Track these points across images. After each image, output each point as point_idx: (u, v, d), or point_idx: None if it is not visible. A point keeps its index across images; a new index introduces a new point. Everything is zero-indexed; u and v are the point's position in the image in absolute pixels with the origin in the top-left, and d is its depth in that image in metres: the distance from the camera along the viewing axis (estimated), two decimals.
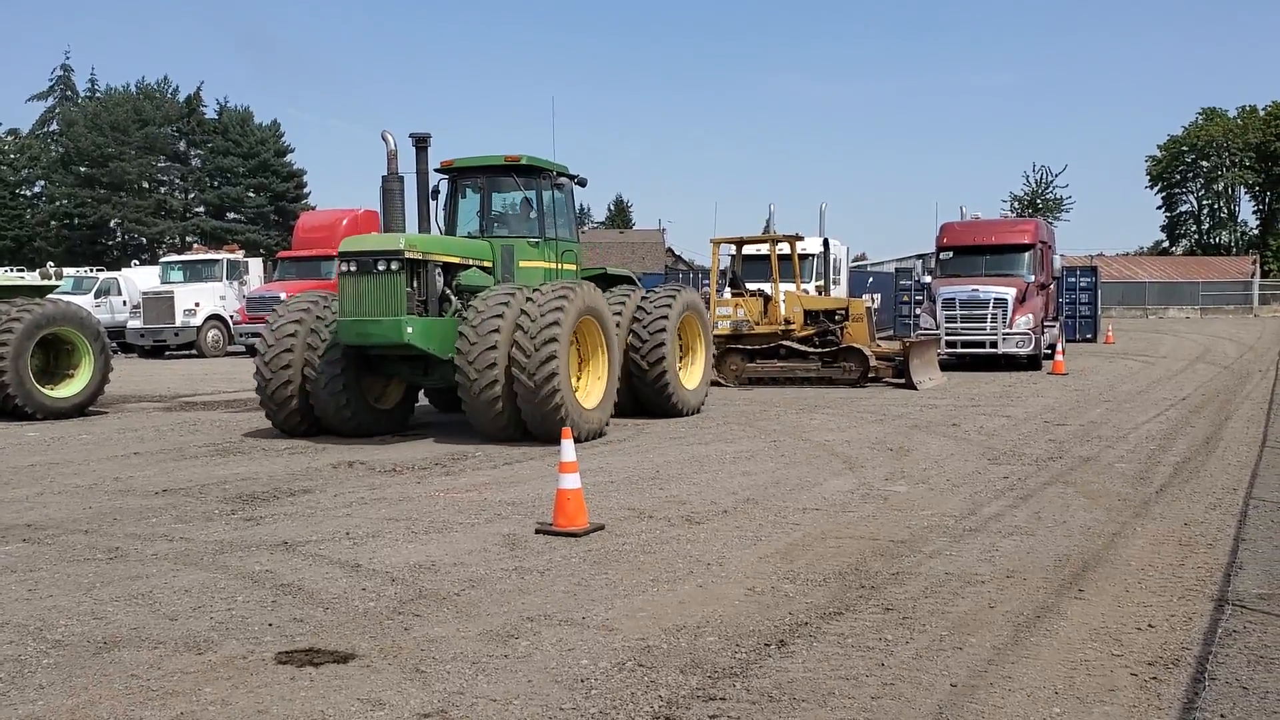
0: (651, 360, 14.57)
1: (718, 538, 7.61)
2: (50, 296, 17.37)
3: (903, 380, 20.11)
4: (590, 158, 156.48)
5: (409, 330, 12.23)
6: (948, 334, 24.42)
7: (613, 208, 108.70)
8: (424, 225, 14.26)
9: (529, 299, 12.49)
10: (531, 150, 14.26)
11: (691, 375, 16.00)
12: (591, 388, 13.38)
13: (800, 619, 5.71)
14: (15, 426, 15.09)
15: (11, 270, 45.49)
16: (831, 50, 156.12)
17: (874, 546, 7.36)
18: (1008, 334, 24.04)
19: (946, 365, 23.69)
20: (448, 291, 13.20)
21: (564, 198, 14.97)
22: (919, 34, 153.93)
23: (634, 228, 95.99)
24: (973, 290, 24.52)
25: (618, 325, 14.28)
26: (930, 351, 21.74)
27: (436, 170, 14.49)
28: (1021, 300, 24.40)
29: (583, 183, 15.29)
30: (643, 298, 15.17)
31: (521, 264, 14.17)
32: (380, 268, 12.37)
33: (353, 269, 12.53)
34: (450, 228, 14.63)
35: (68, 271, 40.29)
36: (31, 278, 24.72)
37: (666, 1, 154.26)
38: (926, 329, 25.02)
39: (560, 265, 14.68)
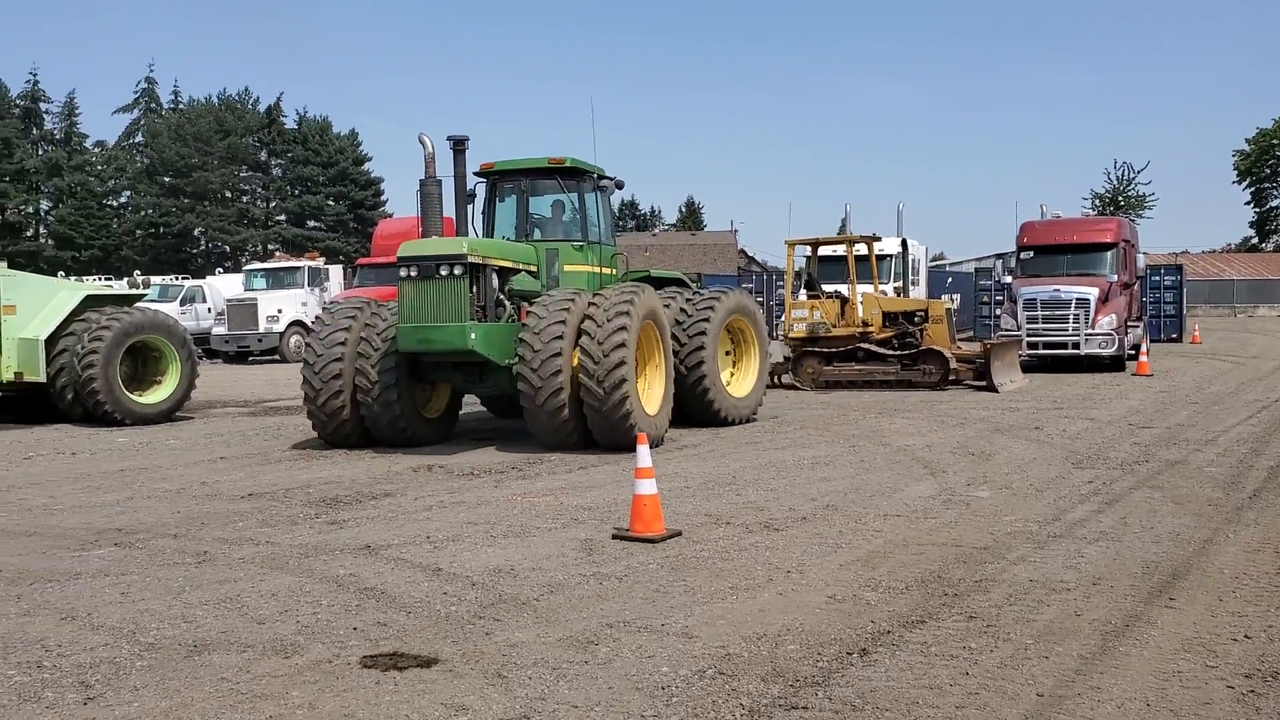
0: (691, 365, 13.96)
1: (797, 545, 7.56)
2: (138, 305, 17.81)
3: (984, 383, 19.80)
4: (659, 159, 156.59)
5: (472, 336, 11.93)
6: (1029, 335, 24.02)
7: (684, 209, 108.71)
8: (461, 229, 13.96)
9: (592, 303, 12.30)
10: (573, 153, 14.00)
11: (741, 382, 15.39)
12: (651, 393, 13.05)
13: (882, 627, 5.64)
14: (105, 432, 15.50)
15: (100, 279, 46.90)
16: (907, 48, 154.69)
17: (956, 553, 7.26)
18: (1090, 334, 23.59)
19: (1028, 367, 23.29)
20: (501, 297, 12.89)
21: (604, 200, 14.63)
22: (996, 31, 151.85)
23: (705, 229, 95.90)
24: (1054, 290, 24.11)
25: None
26: (1011, 353, 21.39)
27: (475, 173, 14.11)
28: (1104, 300, 23.93)
29: (620, 185, 14.74)
30: (687, 300, 14.66)
31: (566, 268, 13.83)
32: (443, 272, 12.07)
33: (413, 274, 12.22)
34: (488, 232, 14.26)
35: (154, 280, 41.38)
36: (119, 286, 25.44)
37: (736, 1, 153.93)
38: (1007, 330, 24.65)
39: (603, 269, 14.41)
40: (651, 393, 13.05)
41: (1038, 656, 5.16)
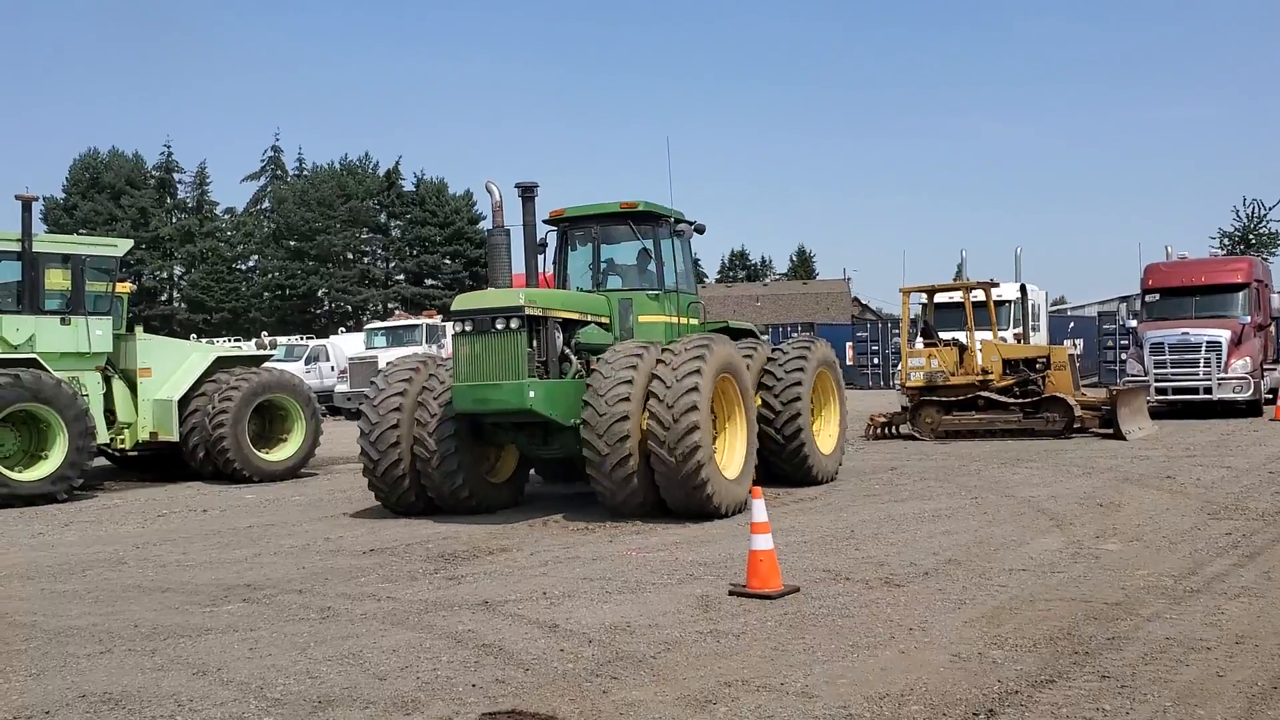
0: (787, 424, 13.27)
1: (919, 601, 7.38)
2: (265, 365, 18.42)
3: (1110, 430, 19.22)
4: (769, 208, 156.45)
5: (532, 395, 11.07)
6: (1157, 380, 23.29)
7: (795, 258, 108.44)
8: (532, 280, 13.30)
9: (661, 357, 11.31)
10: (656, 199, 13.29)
11: (826, 439, 14.48)
12: (731, 455, 11.97)
13: (1010, 687, 5.45)
14: (234, 489, 15.99)
15: (230, 341, 48.67)
16: (1021, 89, 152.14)
17: (1086, 609, 7.00)
18: (1223, 379, 22.75)
19: (1157, 413, 22.54)
20: (566, 351, 12.05)
21: (683, 246, 13.74)
22: (1113, 67, 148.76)
23: (817, 278, 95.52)
24: (1183, 333, 23.37)
25: None
26: (1139, 399, 20.76)
27: (545, 221, 13.47)
28: (1237, 342, 23.10)
29: (701, 229, 13.92)
30: (773, 352, 13.93)
31: (641, 319, 13.01)
32: (499, 326, 11.25)
33: (469, 329, 11.43)
34: (561, 282, 13.56)
35: (280, 340, 42.77)
36: (248, 347, 26.32)
37: (845, 47, 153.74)
38: (1134, 375, 23.97)
39: (681, 319, 13.37)
40: (731, 454, 12.00)
41: None
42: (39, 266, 15.62)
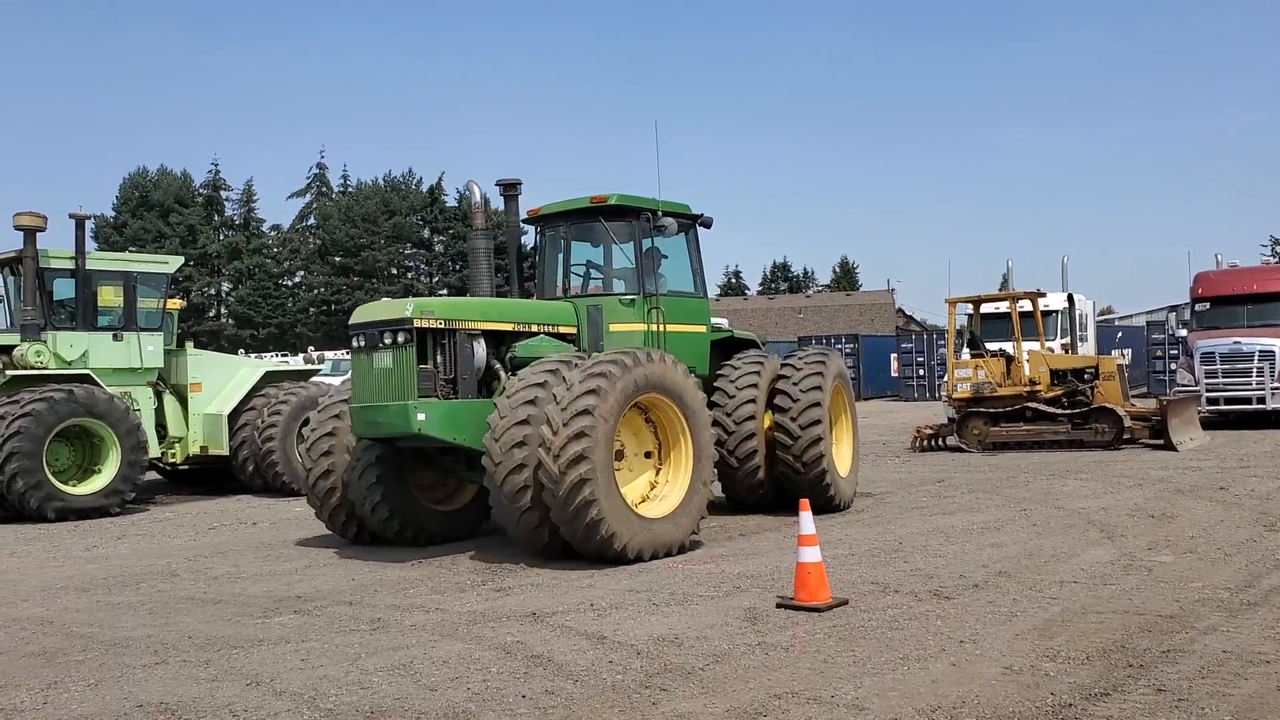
0: (807, 449, 12.11)
1: (969, 613, 7.32)
2: (312, 379, 18.60)
3: (1161, 441, 18.99)
4: (811, 219, 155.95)
5: (420, 417, 9.83)
6: (1209, 390, 22.96)
7: (838, 270, 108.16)
8: (519, 286, 12.52)
9: (566, 376, 9.87)
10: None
11: (841, 461, 13.14)
12: (668, 491, 10.41)
13: (1063, 700, 5.39)
14: (283, 502, 16.14)
15: (277, 356, 49.24)
16: (1065, 98, 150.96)
17: (1140, 622, 6.91)
18: (1276, 388, 22.38)
19: (1209, 424, 22.25)
20: (497, 367, 10.89)
21: (673, 244, 12.31)
22: (1160, 75, 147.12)
23: (860, 289, 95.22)
24: (1234, 343, 23.04)
25: (751, 401, 12.14)
26: (1190, 409, 20.50)
27: (524, 221, 12.60)
28: None
29: (706, 223, 12.59)
30: (784, 364, 12.70)
31: (612, 327, 11.60)
32: (386, 341, 10.17)
33: (362, 344, 10.45)
34: (541, 287, 12.53)
35: (327, 355, 43.21)
36: (295, 362, 26.62)
37: (888, 58, 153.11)
38: (1184, 385, 23.64)
39: (666, 327, 11.72)
40: (666, 491, 10.44)
41: None
42: (92, 284, 15.91)
